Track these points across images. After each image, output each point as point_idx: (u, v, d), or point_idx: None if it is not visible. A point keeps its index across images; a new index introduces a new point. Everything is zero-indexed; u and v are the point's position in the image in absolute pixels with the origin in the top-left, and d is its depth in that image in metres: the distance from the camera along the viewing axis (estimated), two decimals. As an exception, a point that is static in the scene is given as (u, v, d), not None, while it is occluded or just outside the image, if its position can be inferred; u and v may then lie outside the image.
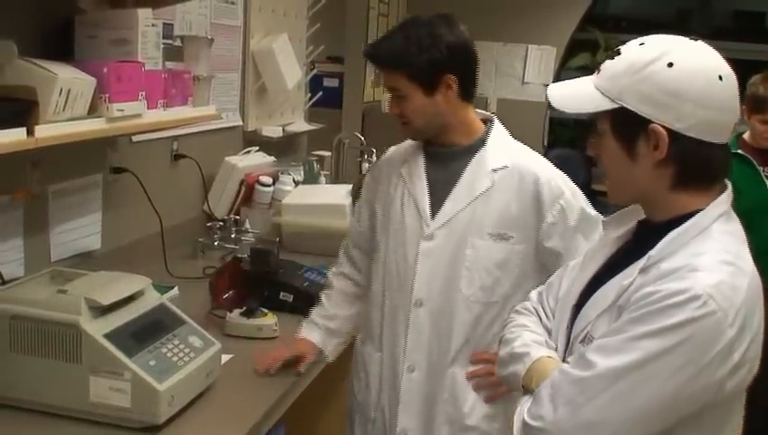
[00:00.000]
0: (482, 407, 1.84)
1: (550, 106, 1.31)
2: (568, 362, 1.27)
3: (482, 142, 1.88)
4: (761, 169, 3.19)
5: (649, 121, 1.23)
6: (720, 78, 1.22)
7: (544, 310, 1.49)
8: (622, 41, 1.34)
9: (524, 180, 1.83)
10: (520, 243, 1.82)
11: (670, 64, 1.22)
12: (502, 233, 1.82)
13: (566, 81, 1.39)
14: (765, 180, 3.18)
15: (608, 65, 1.30)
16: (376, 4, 5.46)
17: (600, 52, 6.29)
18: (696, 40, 1.27)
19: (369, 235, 2.01)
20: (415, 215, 1.88)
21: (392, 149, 2.04)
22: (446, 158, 1.89)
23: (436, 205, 1.87)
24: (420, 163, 1.91)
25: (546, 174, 1.84)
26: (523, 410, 1.26)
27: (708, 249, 1.21)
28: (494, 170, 1.84)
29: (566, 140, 6.51)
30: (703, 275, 1.17)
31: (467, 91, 1.85)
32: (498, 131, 1.91)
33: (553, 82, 6.53)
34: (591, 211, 1.84)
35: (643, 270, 1.24)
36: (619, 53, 1.29)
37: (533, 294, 1.54)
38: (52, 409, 1.62)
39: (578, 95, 1.32)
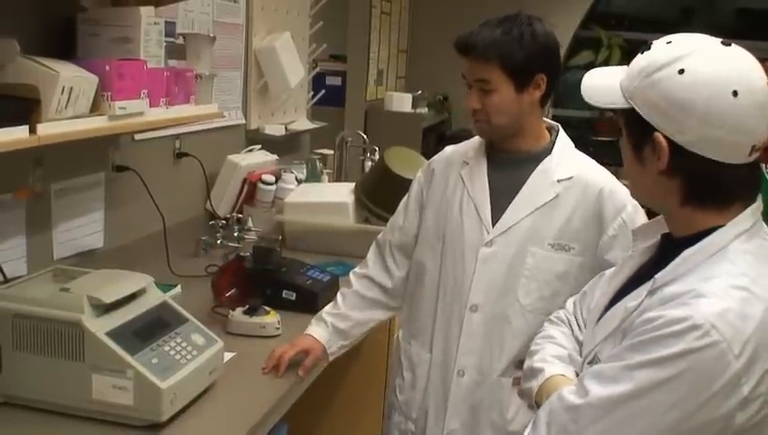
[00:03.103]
0: (525, 413, 1.79)
1: (553, 104, 1.28)
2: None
3: (547, 151, 1.86)
4: (762, 165, 3.13)
5: (655, 129, 1.15)
6: (735, 93, 1.11)
7: (577, 320, 1.45)
8: (625, 39, 1.28)
9: (588, 192, 1.81)
10: (580, 255, 1.80)
11: (681, 71, 1.13)
12: (563, 244, 1.80)
13: (604, 69, 1.32)
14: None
15: (635, 59, 1.22)
16: (378, 3, 5.46)
17: (603, 50, 6.28)
18: (729, 44, 1.16)
19: (417, 234, 1.99)
20: (475, 220, 1.86)
21: (450, 148, 2.01)
22: (510, 164, 1.87)
23: (497, 211, 1.85)
24: (483, 167, 1.89)
25: (609, 187, 1.81)
26: (525, 432, 1.23)
27: (721, 273, 1.13)
28: (560, 181, 1.82)
29: (570, 137, 6.49)
30: (707, 301, 1.08)
31: (547, 96, 1.84)
32: (563, 141, 1.90)
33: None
34: None
35: (650, 293, 1.18)
36: (648, 48, 1.21)
37: (569, 304, 1.51)
38: (55, 407, 1.62)
39: (601, 87, 1.26)
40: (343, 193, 3.10)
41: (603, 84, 1.25)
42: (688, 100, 1.12)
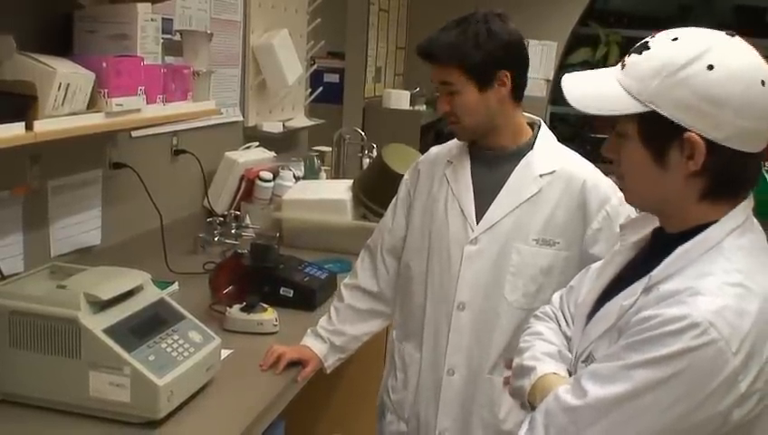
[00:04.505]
0: (517, 413, 1.75)
1: (551, 102, 1.24)
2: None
3: (529, 146, 1.86)
4: (763, 164, 3.08)
5: (684, 129, 1.11)
6: (763, 83, 1.11)
7: (564, 316, 1.44)
8: (624, 36, 1.22)
9: (571, 186, 1.81)
10: (565, 249, 1.80)
11: (710, 67, 1.09)
12: (547, 239, 1.80)
13: (583, 73, 1.26)
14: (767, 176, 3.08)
15: (635, 61, 1.17)
16: (376, 0, 5.45)
17: (601, 47, 6.28)
18: (733, 35, 1.15)
19: (405, 236, 1.99)
20: (459, 218, 1.86)
21: (435, 149, 2.02)
22: (493, 161, 1.87)
23: (481, 209, 1.85)
24: (466, 165, 1.89)
25: (593, 180, 1.81)
26: (521, 433, 1.22)
27: (716, 269, 1.12)
28: (542, 176, 1.82)
29: (566, 136, 6.50)
30: (704, 299, 1.07)
31: (518, 92, 1.84)
32: (545, 135, 1.90)
33: (554, 77, 6.47)
34: None
35: (646, 290, 1.17)
36: (647, 48, 1.16)
37: (555, 298, 1.50)
38: (52, 404, 1.62)
39: (600, 94, 1.19)
40: (341, 190, 3.11)
41: (600, 91, 1.20)
42: (724, 94, 1.09)
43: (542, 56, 5.82)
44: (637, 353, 1.09)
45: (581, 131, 6.23)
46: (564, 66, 6.14)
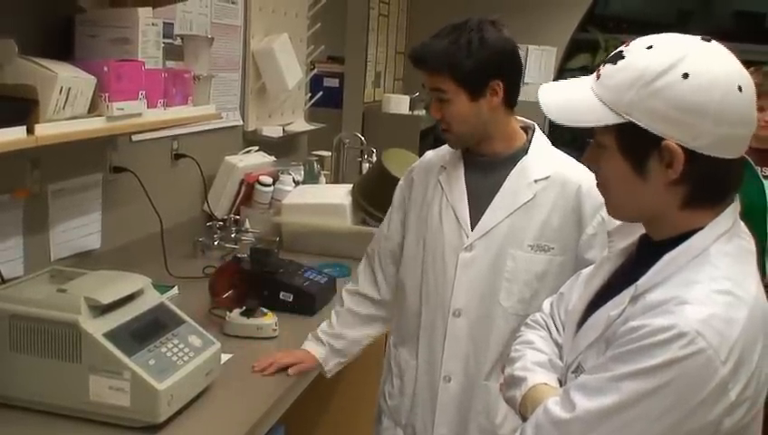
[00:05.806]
0: (513, 419, 1.73)
1: None
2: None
3: (523, 151, 1.85)
4: (758, 169, 3.06)
5: (662, 138, 1.10)
6: (740, 88, 1.09)
7: (555, 323, 1.43)
8: (623, 41, 1.21)
9: (566, 191, 1.80)
10: (560, 254, 1.80)
11: (685, 75, 1.08)
12: (542, 245, 1.79)
13: (559, 83, 1.25)
14: (763, 181, 3.05)
15: (610, 71, 1.15)
16: (376, 5, 5.46)
17: (601, 52, 6.29)
18: (709, 40, 1.13)
19: (401, 242, 1.99)
20: (454, 224, 1.85)
21: (429, 153, 2.01)
22: (487, 166, 1.86)
23: (476, 215, 1.84)
24: (460, 171, 1.88)
25: (587, 184, 1.76)
26: None
27: (703, 277, 1.10)
28: (536, 181, 1.81)
29: (566, 140, 6.48)
30: (691, 308, 1.06)
31: (512, 99, 1.82)
32: (540, 140, 1.88)
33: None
34: None
35: (633, 299, 1.15)
36: (622, 57, 1.15)
37: (546, 305, 1.49)
38: (52, 408, 1.62)
39: (576, 105, 1.18)
40: (340, 195, 3.11)
41: (575, 102, 1.18)
42: (701, 103, 1.08)
43: (541, 62, 5.83)
44: (624, 365, 1.08)
45: (581, 135, 6.24)
46: (564, 72, 6.15)
